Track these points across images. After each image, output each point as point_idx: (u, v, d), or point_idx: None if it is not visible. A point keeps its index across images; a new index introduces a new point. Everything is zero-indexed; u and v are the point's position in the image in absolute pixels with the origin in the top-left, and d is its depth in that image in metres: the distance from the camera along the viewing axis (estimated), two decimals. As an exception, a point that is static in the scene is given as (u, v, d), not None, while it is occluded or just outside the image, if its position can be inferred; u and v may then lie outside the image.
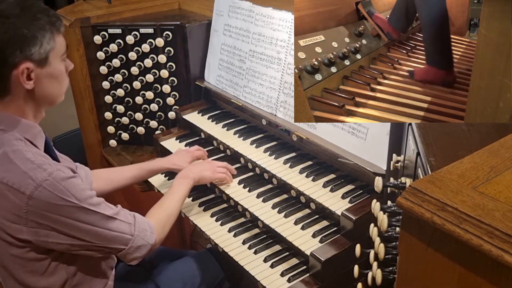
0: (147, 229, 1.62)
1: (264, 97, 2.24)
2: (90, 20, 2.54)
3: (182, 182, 1.92)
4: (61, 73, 1.52)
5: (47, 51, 1.44)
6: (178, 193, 1.87)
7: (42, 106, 1.53)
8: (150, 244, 1.62)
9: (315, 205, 1.88)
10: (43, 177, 1.39)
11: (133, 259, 1.60)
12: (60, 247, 1.49)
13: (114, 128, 2.74)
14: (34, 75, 1.43)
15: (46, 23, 1.43)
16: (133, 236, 1.56)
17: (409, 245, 0.89)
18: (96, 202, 1.49)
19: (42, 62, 1.44)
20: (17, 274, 1.52)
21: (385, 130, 1.68)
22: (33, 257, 1.50)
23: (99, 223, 1.48)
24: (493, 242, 0.74)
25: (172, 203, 1.82)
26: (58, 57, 1.49)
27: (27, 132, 1.47)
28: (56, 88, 1.52)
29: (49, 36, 1.44)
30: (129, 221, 1.57)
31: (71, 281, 1.59)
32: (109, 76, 2.61)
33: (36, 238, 1.45)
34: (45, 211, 1.41)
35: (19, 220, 1.41)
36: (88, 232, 1.47)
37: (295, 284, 1.68)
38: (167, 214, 1.77)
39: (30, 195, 1.38)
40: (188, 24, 2.49)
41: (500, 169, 0.90)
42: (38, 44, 1.41)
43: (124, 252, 1.56)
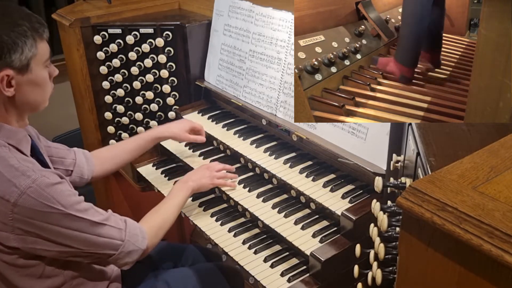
0: (138, 234, 1.60)
1: (264, 97, 2.24)
2: (90, 20, 2.54)
3: (181, 189, 1.91)
4: (44, 80, 1.48)
5: (28, 58, 1.40)
6: (175, 199, 1.86)
7: (24, 113, 1.51)
8: (141, 249, 1.60)
9: (315, 205, 1.88)
10: (27, 184, 1.36)
11: (124, 264, 1.58)
12: (49, 253, 1.46)
13: (114, 128, 2.74)
14: (14, 82, 1.40)
15: (28, 29, 1.40)
16: (123, 241, 1.54)
17: (409, 245, 0.89)
18: (84, 208, 1.46)
19: (23, 69, 1.41)
20: (13, 279, 1.51)
21: (385, 130, 1.68)
22: (23, 263, 1.48)
23: (87, 229, 1.46)
24: (493, 242, 0.74)
25: (169, 209, 1.81)
26: (41, 64, 1.46)
27: (11, 138, 1.45)
28: (39, 95, 1.49)
29: (31, 43, 1.40)
30: (119, 227, 1.54)
31: (70, 283, 1.58)
32: (109, 76, 2.61)
33: (24, 245, 1.43)
34: (30, 218, 1.38)
35: (5, 228, 1.39)
36: (76, 238, 1.45)
37: (295, 284, 1.68)
38: (162, 220, 1.75)
39: (14, 202, 1.36)
40: (188, 24, 2.49)
41: (500, 169, 0.90)
42: (19, 51, 1.38)
43: (115, 257, 1.54)
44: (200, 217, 2.03)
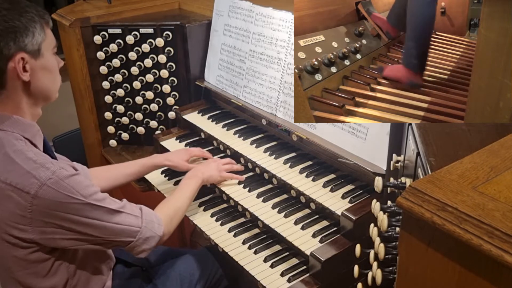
0: (154, 220, 1.63)
1: (264, 97, 2.24)
2: (90, 20, 2.54)
3: (191, 180, 1.95)
4: (54, 66, 1.53)
5: (39, 43, 1.45)
6: (186, 190, 1.90)
7: (38, 102, 1.53)
8: (159, 236, 1.63)
9: (315, 205, 1.88)
10: (47, 175, 1.39)
11: (141, 251, 1.61)
12: (67, 243, 1.49)
13: (114, 128, 2.74)
14: (29, 66, 1.44)
15: (35, 15, 1.45)
16: (140, 228, 1.57)
17: (409, 245, 0.89)
18: (101, 197, 1.50)
19: (35, 53, 1.45)
20: (20, 276, 1.52)
21: (385, 130, 1.68)
22: (36, 258, 1.50)
23: (105, 217, 1.49)
24: (493, 242, 0.74)
25: (180, 199, 1.85)
26: (50, 50, 1.51)
27: (26, 132, 1.48)
28: (51, 81, 1.53)
29: (40, 28, 1.45)
30: (136, 214, 1.58)
31: (72, 281, 1.59)
32: (109, 76, 2.61)
33: (42, 237, 1.45)
34: (51, 209, 1.41)
35: (23, 220, 1.41)
36: (96, 227, 1.48)
37: (295, 284, 1.68)
38: (174, 208, 1.79)
39: (34, 194, 1.38)
40: (188, 24, 2.49)
41: (500, 169, 0.90)
42: (30, 35, 1.42)
43: (133, 244, 1.57)
44: (200, 217, 2.03)
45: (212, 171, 2.03)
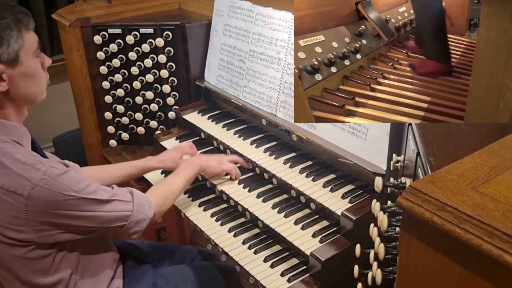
0: (145, 203, 1.66)
1: (264, 97, 2.24)
2: (90, 20, 2.54)
3: (188, 166, 1.96)
4: (36, 70, 1.48)
5: (16, 50, 1.40)
6: (182, 173, 1.91)
7: (22, 106, 1.51)
8: (149, 218, 1.66)
9: (315, 205, 1.88)
10: (39, 176, 1.39)
11: (133, 233, 1.64)
12: (64, 236, 1.50)
13: (114, 128, 2.74)
14: (6, 76, 1.40)
15: (12, 22, 1.39)
16: (131, 211, 1.60)
17: (409, 245, 0.89)
18: (93, 189, 1.51)
19: (12, 62, 1.40)
20: (23, 275, 1.53)
21: (385, 130, 1.68)
22: (36, 255, 1.50)
23: (99, 208, 1.51)
24: (493, 242, 0.74)
25: (175, 182, 1.87)
26: (31, 55, 1.45)
27: (12, 134, 1.46)
28: (33, 86, 1.49)
29: (16, 35, 1.40)
30: (127, 199, 1.61)
31: (75, 275, 1.60)
32: (109, 76, 2.61)
33: (40, 235, 1.46)
34: (46, 208, 1.41)
35: (19, 222, 1.42)
36: (90, 218, 1.50)
37: (295, 284, 1.68)
38: (167, 191, 1.81)
39: (28, 196, 1.38)
40: (188, 24, 2.49)
41: (500, 169, 0.90)
42: (5, 44, 1.38)
43: (125, 227, 1.60)
44: (200, 217, 2.03)
45: (212, 162, 2.03)
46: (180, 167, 1.96)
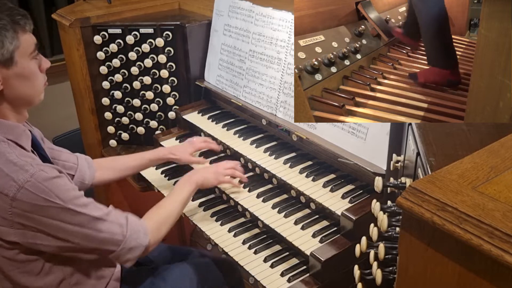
0: (140, 230, 1.57)
1: (264, 97, 2.24)
2: (90, 20, 2.54)
3: (185, 184, 1.87)
4: (31, 72, 1.47)
5: (10, 51, 1.39)
6: (179, 195, 1.83)
7: (19, 107, 1.50)
8: (143, 246, 1.57)
9: (315, 205, 1.88)
10: (25, 178, 1.36)
11: (126, 261, 1.57)
12: (49, 249, 1.46)
13: (114, 128, 2.74)
14: (0, 76, 1.40)
15: (8, 23, 1.39)
16: (125, 237, 1.52)
17: (409, 245, 0.89)
18: (83, 203, 1.45)
19: (7, 62, 1.40)
20: (13, 276, 1.51)
21: (385, 130, 1.68)
22: (24, 258, 1.48)
23: (87, 224, 1.44)
24: (493, 242, 0.74)
25: (172, 205, 1.78)
26: (26, 56, 1.44)
27: (9, 133, 1.45)
28: (28, 88, 1.48)
29: (12, 36, 1.39)
30: (120, 222, 1.53)
31: (69, 280, 1.57)
32: (109, 76, 2.61)
33: (24, 240, 1.43)
34: (29, 212, 1.38)
35: (5, 223, 1.40)
36: (76, 233, 1.44)
37: (295, 284, 1.68)
38: (165, 215, 1.72)
39: (13, 197, 1.36)
40: (188, 24, 2.49)
41: (500, 169, 0.90)
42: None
43: (116, 253, 1.52)
44: (200, 217, 2.03)
45: (208, 174, 1.94)
46: (176, 187, 1.87)
